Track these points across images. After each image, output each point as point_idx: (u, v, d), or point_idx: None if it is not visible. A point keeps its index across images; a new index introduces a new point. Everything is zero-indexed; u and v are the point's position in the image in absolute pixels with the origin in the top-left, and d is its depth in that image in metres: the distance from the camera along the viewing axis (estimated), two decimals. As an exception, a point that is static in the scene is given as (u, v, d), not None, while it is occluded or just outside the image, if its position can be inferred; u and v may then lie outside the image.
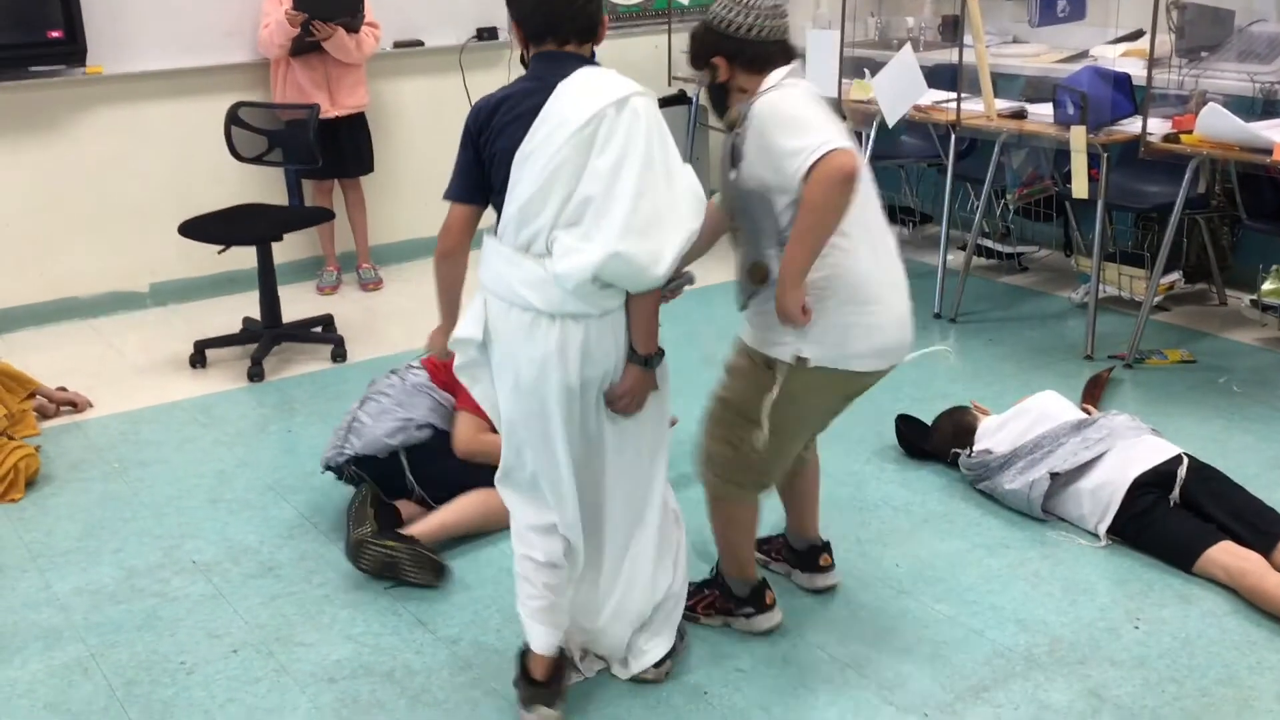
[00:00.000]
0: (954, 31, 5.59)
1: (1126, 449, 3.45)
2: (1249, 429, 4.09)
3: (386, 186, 6.10)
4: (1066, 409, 3.74)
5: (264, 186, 5.69)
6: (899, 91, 5.03)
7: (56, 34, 5.18)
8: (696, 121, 6.56)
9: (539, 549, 2.70)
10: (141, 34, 5.43)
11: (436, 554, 3.30)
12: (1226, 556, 3.17)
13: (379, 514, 3.40)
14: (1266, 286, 4.71)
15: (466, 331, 2.68)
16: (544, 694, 2.71)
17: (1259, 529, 3.23)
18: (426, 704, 2.83)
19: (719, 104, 2.79)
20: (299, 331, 5.12)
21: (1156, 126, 4.53)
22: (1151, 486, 3.35)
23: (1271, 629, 3.01)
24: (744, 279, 2.76)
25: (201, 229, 4.88)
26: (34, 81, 5.26)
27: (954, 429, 3.85)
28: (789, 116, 2.60)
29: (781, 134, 2.58)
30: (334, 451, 3.56)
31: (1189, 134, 4.40)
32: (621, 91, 2.51)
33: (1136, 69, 4.87)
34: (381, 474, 3.54)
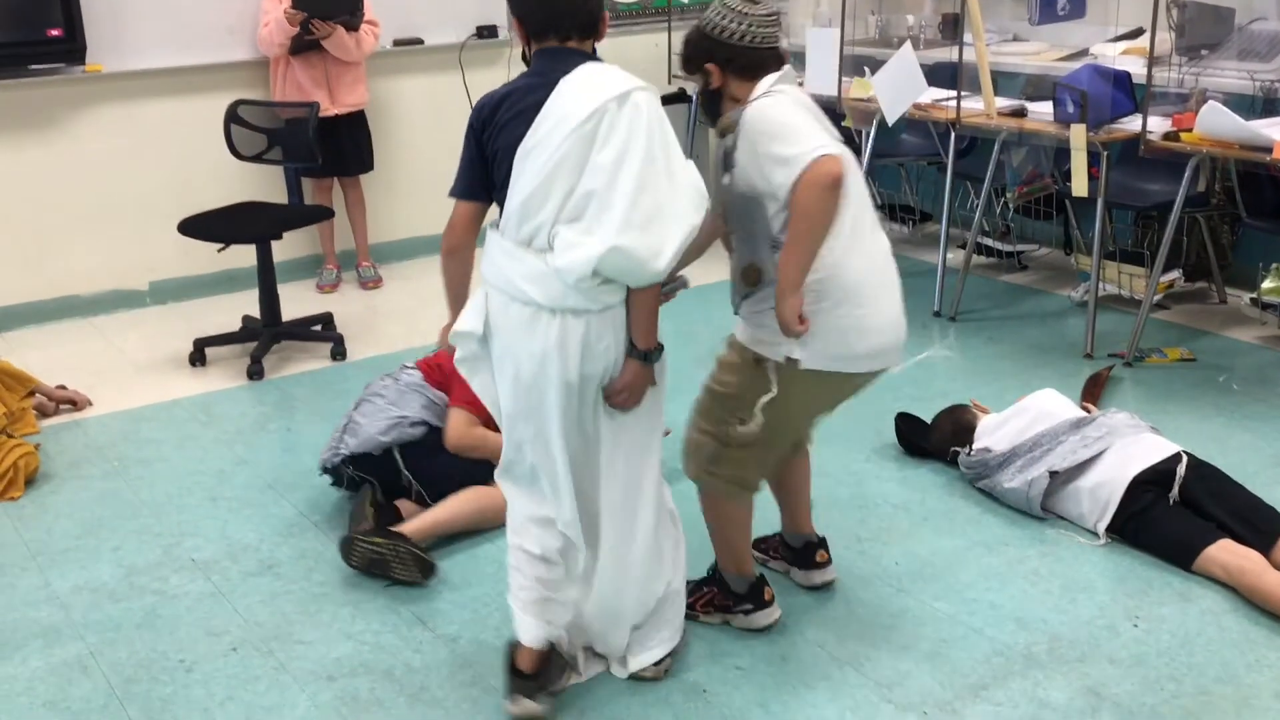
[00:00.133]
0: (954, 29, 5.58)
1: (1126, 447, 3.45)
2: (1249, 427, 4.09)
3: (386, 185, 6.10)
4: (1066, 407, 3.73)
5: (264, 185, 5.69)
6: (899, 89, 5.03)
7: (56, 32, 5.18)
8: (696, 120, 6.55)
9: (533, 541, 2.71)
10: (141, 32, 5.43)
11: (426, 551, 3.30)
12: (1226, 555, 3.16)
13: (378, 513, 3.42)
14: (1266, 285, 4.71)
15: (467, 325, 2.68)
16: (527, 686, 2.71)
17: (1258, 527, 3.22)
18: (426, 702, 2.84)
19: (711, 110, 2.81)
20: (299, 330, 5.13)
21: (1156, 125, 4.53)
22: (1151, 485, 3.35)
23: (1270, 627, 3.01)
24: (738, 281, 2.79)
25: (201, 227, 4.88)
26: (34, 80, 5.26)
27: (953, 427, 3.85)
28: (778, 124, 2.63)
29: (770, 142, 2.62)
30: (330, 453, 3.59)
31: (1189, 132, 4.39)
32: (623, 86, 2.52)
33: (1137, 67, 4.86)
34: (379, 473, 3.55)
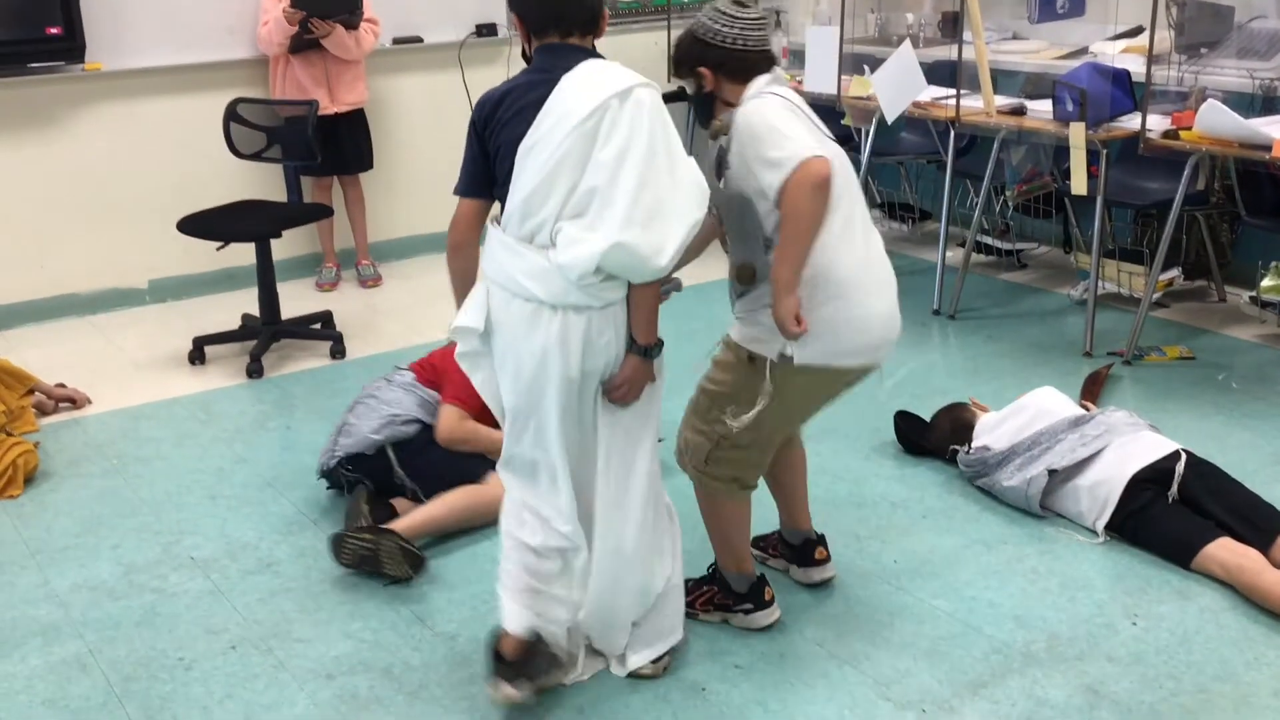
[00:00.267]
0: (953, 28, 5.58)
1: (1124, 445, 3.44)
2: (1248, 425, 4.09)
3: (386, 183, 6.10)
4: (1065, 405, 3.73)
5: (263, 183, 5.69)
6: (898, 88, 5.03)
7: (55, 31, 5.19)
8: (696, 118, 6.55)
9: (528, 530, 2.72)
10: (140, 30, 5.43)
11: (416, 548, 3.30)
12: (1224, 553, 3.16)
13: (373, 511, 3.43)
14: (1265, 283, 4.71)
15: (468, 321, 2.69)
16: (508, 671, 2.69)
17: (1257, 525, 3.22)
18: (425, 700, 2.84)
19: (705, 113, 2.83)
20: (298, 328, 5.13)
21: (1156, 123, 4.53)
22: (1149, 483, 3.35)
23: (1269, 625, 3.01)
24: (733, 280, 2.81)
25: (201, 225, 4.88)
26: (33, 78, 5.26)
27: (952, 425, 3.85)
28: (767, 127, 2.64)
29: (759, 145, 2.63)
30: (326, 456, 3.63)
31: (1188, 130, 4.39)
32: (625, 83, 2.53)
33: (1136, 65, 4.86)
34: (374, 472, 3.56)
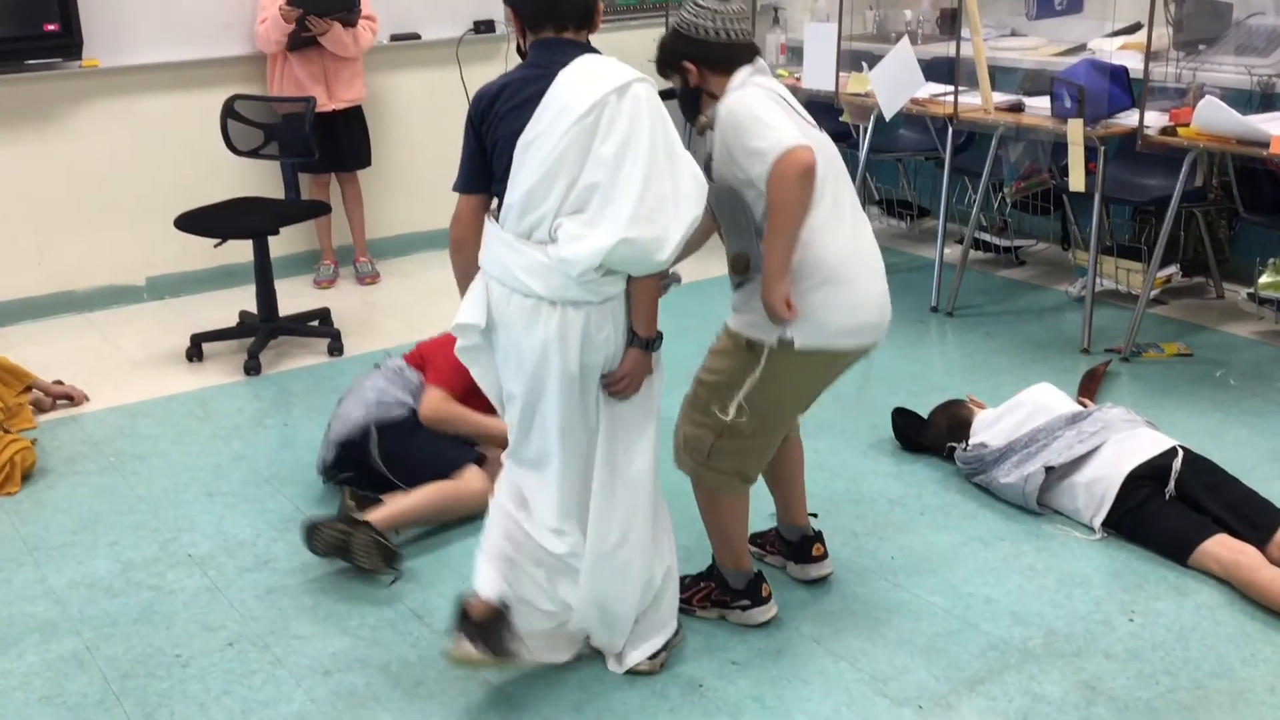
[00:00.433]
0: (951, 25, 5.58)
1: (1121, 442, 3.44)
2: (1245, 422, 4.09)
3: (384, 180, 6.09)
4: (1062, 402, 3.73)
5: (261, 180, 5.69)
6: (896, 85, 5.02)
7: (52, 27, 5.17)
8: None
9: (516, 503, 2.74)
10: (138, 27, 5.42)
11: (392, 542, 3.30)
12: (1221, 549, 3.16)
13: (360, 505, 3.43)
14: (1264, 280, 4.71)
15: (470, 317, 2.70)
16: (471, 631, 2.66)
17: (1254, 522, 3.22)
18: (422, 697, 2.84)
19: (692, 108, 2.85)
20: (296, 325, 5.12)
21: (1154, 119, 4.52)
22: (1146, 479, 3.35)
23: (1266, 622, 3.01)
24: (729, 271, 2.82)
25: (198, 222, 4.88)
26: (30, 75, 5.25)
27: (949, 422, 3.85)
28: (750, 117, 2.66)
29: (742, 135, 2.65)
30: (323, 450, 3.69)
31: (1186, 127, 4.39)
32: (622, 78, 2.54)
33: (1134, 62, 4.85)
34: (363, 463, 3.60)
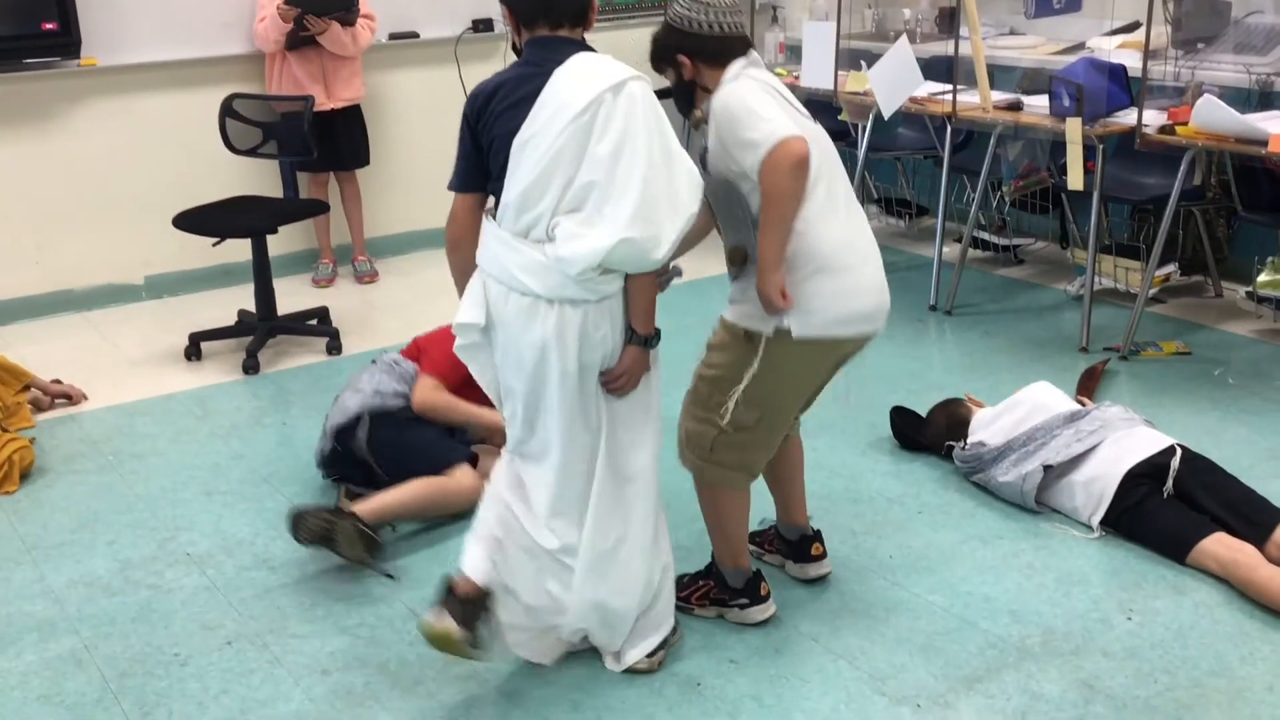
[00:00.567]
0: (950, 23, 5.57)
1: (1120, 440, 3.45)
2: (1244, 421, 4.09)
3: (382, 179, 6.09)
4: (1060, 401, 3.73)
5: (259, 179, 5.69)
6: (895, 83, 5.02)
7: (51, 26, 5.17)
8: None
9: (512, 492, 2.74)
10: (136, 26, 5.42)
11: (376, 533, 3.30)
12: (1219, 548, 3.16)
13: (354, 499, 3.45)
14: (1262, 278, 4.71)
15: (469, 316, 2.71)
16: (454, 607, 2.65)
17: (1252, 520, 3.22)
18: (421, 696, 2.84)
19: (687, 102, 2.85)
20: (294, 324, 5.12)
21: (1152, 118, 4.52)
22: (1145, 478, 3.35)
23: (1264, 620, 3.02)
24: (728, 264, 2.83)
25: (197, 221, 4.88)
26: (28, 74, 5.25)
27: (948, 421, 3.85)
28: (742, 110, 2.66)
29: (736, 127, 2.65)
30: (321, 441, 3.72)
31: (1185, 126, 4.39)
32: (618, 76, 2.54)
33: (1133, 60, 4.85)
34: (357, 459, 3.62)
